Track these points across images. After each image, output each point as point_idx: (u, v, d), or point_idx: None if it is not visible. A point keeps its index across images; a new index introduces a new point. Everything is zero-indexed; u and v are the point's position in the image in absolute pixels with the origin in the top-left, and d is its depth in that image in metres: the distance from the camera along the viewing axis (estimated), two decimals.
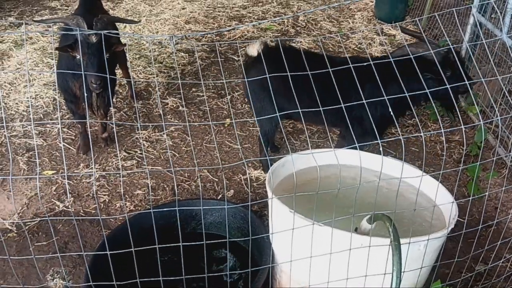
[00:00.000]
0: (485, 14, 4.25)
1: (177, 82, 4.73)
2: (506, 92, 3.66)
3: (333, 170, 2.58)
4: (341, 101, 2.09)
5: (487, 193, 2.87)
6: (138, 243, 2.04)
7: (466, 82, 2.32)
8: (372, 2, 6.49)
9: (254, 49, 3.32)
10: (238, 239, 2.90)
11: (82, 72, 3.12)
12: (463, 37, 4.52)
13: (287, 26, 6.07)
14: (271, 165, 2.71)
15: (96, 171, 3.79)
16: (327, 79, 2.22)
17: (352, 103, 2.17)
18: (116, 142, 4.00)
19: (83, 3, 4.08)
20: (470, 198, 2.11)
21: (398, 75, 2.09)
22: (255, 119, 3.67)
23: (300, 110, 2.13)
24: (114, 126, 4.08)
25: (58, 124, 4.19)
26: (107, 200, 3.53)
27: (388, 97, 2.07)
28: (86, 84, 3.27)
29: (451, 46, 2.42)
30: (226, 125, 4.32)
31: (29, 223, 3.29)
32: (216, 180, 3.73)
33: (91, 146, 3.83)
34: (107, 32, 2.30)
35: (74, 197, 3.55)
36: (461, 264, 2.75)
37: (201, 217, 3.02)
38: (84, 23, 3.21)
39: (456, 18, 2.22)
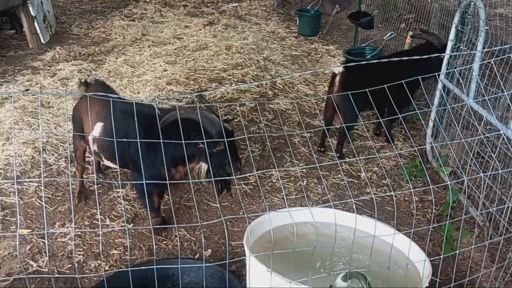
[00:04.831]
0: (452, 80, 4.49)
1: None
2: (473, 154, 3.81)
3: (309, 227, 2.63)
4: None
5: (457, 252, 2.93)
6: None
7: None
8: None
9: (338, 69, 4.57)
10: None
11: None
12: (432, 102, 4.74)
13: (266, 88, 6.28)
14: (249, 224, 2.74)
15: (73, 229, 3.75)
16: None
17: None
18: (97, 199, 3.99)
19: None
20: (441, 257, 2.18)
21: None
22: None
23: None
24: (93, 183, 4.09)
25: (36, 182, 4.18)
26: (82, 260, 3.47)
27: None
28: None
29: (417, 111, 2.55)
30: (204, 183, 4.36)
31: (0, 283, 3.20)
32: (194, 239, 3.72)
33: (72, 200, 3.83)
34: (93, 94, 2.35)
35: (49, 256, 3.48)
36: None
37: (178, 277, 2.99)
38: (213, 114, 3.15)
39: (422, 83, 2.37)
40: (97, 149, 3.61)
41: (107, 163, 3.72)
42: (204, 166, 3.30)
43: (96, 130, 3.52)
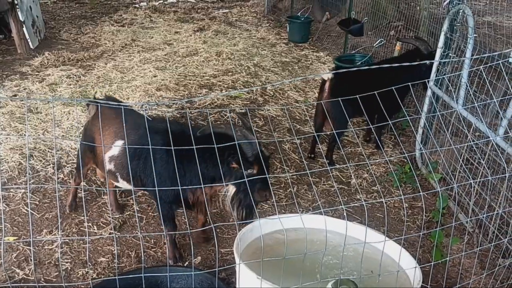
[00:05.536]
0: (442, 87, 4.52)
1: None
2: (462, 160, 3.83)
3: (300, 234, 2.61)
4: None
5: (447, 258, 2.94)
6: None
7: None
8: None
9: (327, 75, 4.63)
10: None
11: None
12: (421, 108, 4.76)
13: (256, 94, 6.27)
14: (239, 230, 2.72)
15: (60, 237, 3.70)
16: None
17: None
18: (84, 206, 3.94)
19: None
20: (432, 263, 2.17)
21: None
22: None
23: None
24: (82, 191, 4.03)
25: (22, 189, 4.12)
26: (69, 268, 3.42)
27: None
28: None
29: (408, 118, 2.56)
30: None
31: None
32: (183, 246, 3.68)
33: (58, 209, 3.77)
34: (89, 101, 2.31)
35: (35, 264, 3.42)
36: None
37: (167, 285, 2.96)
38: (252, 134, 2.94)
39: (412, 90, 2.38)
40: (113, 168, 3.36)
41: (122, 183, 3.45)
42: (232, 189, 3.06)
43: (115, 148, 3.30)
